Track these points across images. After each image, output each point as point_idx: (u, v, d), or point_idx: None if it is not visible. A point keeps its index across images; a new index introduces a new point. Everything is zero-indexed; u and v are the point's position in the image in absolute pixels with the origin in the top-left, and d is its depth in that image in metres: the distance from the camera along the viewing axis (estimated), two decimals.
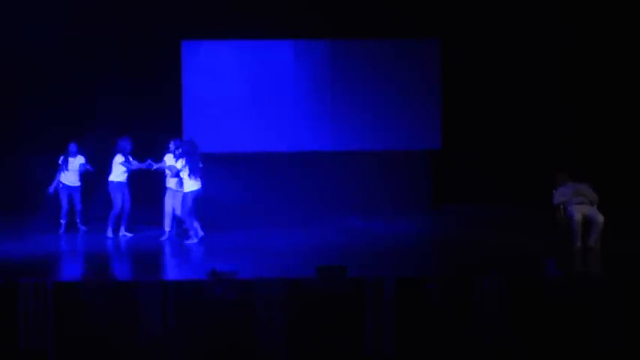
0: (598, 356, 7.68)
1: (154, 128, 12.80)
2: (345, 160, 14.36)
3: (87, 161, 11.92)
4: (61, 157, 11.81)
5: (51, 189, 11.72)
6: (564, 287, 7.81)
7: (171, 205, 11.04)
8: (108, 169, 11.34)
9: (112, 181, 11.25)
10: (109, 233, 11.22)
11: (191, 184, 10.71)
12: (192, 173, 10.66)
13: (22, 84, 13.66)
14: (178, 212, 10.93)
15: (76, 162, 11.88)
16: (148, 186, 11.82)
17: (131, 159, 11.33)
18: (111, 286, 7.77)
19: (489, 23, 13.89)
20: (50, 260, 9.79)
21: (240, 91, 14.21)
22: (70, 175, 11.86)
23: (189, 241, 10.78)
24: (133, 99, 13.57)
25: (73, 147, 11.87)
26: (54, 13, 13.24)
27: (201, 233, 10.92)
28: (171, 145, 11.13)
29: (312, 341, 7.68)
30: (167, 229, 11.09)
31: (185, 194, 10.74)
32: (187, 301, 7.71)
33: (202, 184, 10.84)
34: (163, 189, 11.21)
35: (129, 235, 11.37)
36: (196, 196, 10.75)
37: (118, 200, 11.20)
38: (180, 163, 10.75)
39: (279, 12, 13.58)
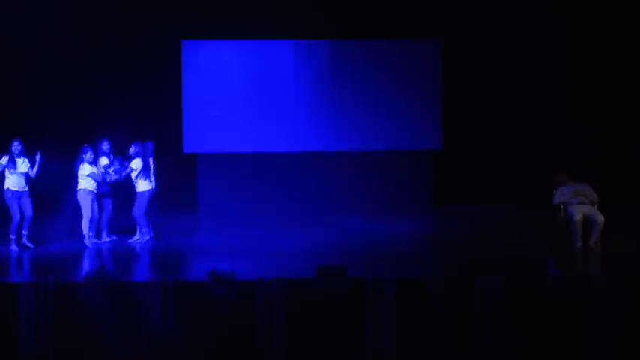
0: (598, 356, 7.68)
1: (154, 128, 12.80)
2: (345, 161, 14.35)
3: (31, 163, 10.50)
4: (6, 157, 10.35)
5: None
6: (564, 287, 7.82)
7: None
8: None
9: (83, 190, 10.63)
10: (86, 241, 10.61)
11: (145, 184, 10.75)
12: (144, 174, 10.69)
13: (21, 84, 13.65)
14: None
15: (24, 164, 10.44)
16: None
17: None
18: (111, 286, 7.77)
19: (490, 24, 13.88)
20: None
21: (241, 92, 14.20)
22: (18, 179, 10.37)
23: (136, 239, 10.76)
24: (133, 99, 13.56)
25: (19, 145, 10.41)
26: (53, 13, 13.24)
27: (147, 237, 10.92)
28: (131, 149, 10.86)
29: (312, 341, 7.68)
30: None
31: (140, 194, 10.76)
32: (187, 301, 7.72)
33: (155, 184, 10.85)
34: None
35: (108, 239, 11.04)
36: (150, 195, 10.77)
37: (88, 208, 10.64)
38: (135, 164, 10.74)
39: (280, 12, 13.58)
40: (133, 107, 13.48)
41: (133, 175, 10.78)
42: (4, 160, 10.40)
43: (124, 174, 10.84)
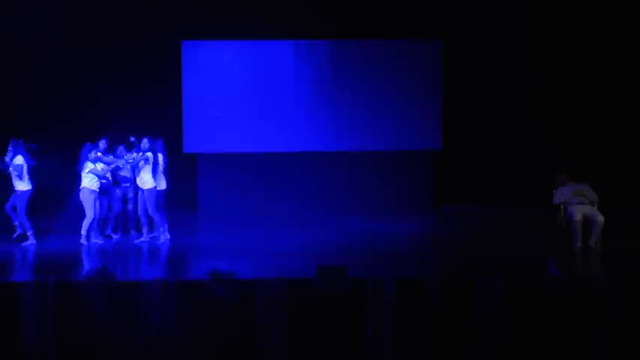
0: (598, 356, 7.67)
1: (154, 128, 12.77)
2: (345, 161, 14.36)
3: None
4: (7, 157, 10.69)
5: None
6: (564, 287, 7.81)
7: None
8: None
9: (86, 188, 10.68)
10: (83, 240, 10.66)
11: (152, 181, 10.70)
12: (153, 170, 10.67)
13: (21, 84, 13.66)
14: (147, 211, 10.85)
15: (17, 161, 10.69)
16: None
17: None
18: (111, 286, 7.77)
19: (490, 24, 13.89)
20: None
21: (241, 92, 14.21)
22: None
23: (161, 240, 10.78)
24: (133, 99, 13.57)
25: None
26: (53, 13, 13.24)
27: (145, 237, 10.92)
28: (144, 143, 10.86)
29: (312, 341, 7.68)
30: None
31: (149, 191, 10.72)
32: (187, 301, 7.71)
33: (166, 183, 10.87)
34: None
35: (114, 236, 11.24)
36: (160, 193, 10.75)
37: (90, 208, 10.69)
38: (148, 157, 10.71)
39: (280, 12, 13.58)
40: (133, 107, 13.48)
41: (144, 170, 10.72)
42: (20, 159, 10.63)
43: (134, 163, 10.84)
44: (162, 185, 10.92)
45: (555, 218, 10.41)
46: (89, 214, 10.64)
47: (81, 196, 10.69)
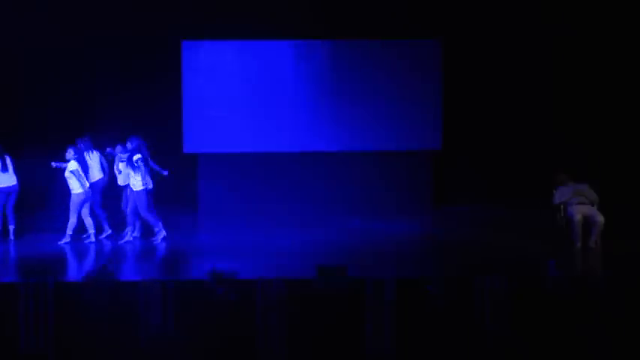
0: (598, 356, 7.68)
1: (154, 128, 12.79)
2: (345, 161, 14.33)
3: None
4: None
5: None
6: (564, 287, 7.82)
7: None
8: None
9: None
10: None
11: (141, 182, 10.68)
12: (144, 170, 10.67)
13: (21, 85, 13.65)
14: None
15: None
16: None
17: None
18: (111, 286, 7.77)
19: (490, 24, 13.87)
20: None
21: (241, 92, 14.18)
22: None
23: (157, 239, 10.79)
24: (133, 99, 13.56)
25: None
26: (53, 13, 13.24)
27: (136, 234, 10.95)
28: (128, 144, 10.88)
29: (312, 341, 7.69)
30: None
31: (139, 192, 10.69)
32: (187, 301, 7.72)
33: (152, 181, 10.89)
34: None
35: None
36: (149, 192, 10.74)
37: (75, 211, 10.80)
38: (137, 158, 10.69)
39: (280, 12, 13.56)
40: (133, 107, 13.48)
41: (133, 171, 10.70)
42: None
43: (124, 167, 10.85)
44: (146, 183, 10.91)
45: (555, 218, 10.42)
46: (73, 219, 10.68)
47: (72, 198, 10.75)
